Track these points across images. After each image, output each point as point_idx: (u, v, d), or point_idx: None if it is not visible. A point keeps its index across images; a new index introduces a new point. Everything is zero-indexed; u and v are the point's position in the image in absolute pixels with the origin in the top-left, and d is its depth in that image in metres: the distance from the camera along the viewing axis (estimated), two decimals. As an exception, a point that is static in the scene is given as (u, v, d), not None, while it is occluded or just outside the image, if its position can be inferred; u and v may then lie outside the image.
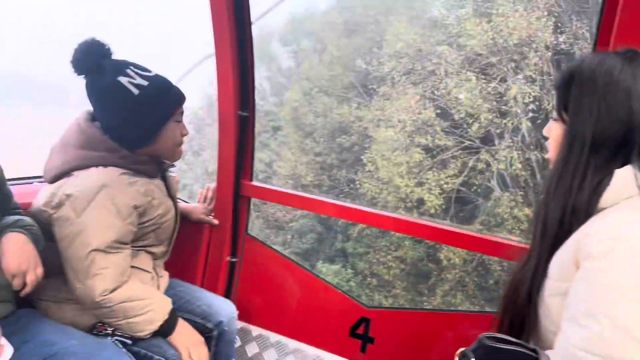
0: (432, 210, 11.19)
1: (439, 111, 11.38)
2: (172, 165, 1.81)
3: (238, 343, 2.19)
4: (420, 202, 11.32)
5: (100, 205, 1.49)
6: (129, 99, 1.55)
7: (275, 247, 2.27)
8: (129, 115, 1.58)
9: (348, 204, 2.15)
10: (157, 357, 1.57)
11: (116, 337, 1.58)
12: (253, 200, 2.28)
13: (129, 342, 1.58)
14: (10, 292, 1.39)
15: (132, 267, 1.62)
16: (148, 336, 1.57)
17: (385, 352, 1.97)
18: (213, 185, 2.21)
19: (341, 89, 12.80)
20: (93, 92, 1.58)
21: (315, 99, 13.04)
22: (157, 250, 1.76)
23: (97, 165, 1.55)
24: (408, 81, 11.64)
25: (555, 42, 10.56)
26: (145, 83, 1.57)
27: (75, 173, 1.56)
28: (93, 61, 1.56)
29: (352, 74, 12.71)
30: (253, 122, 2.12)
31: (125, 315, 1.53)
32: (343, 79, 12.80)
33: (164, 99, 1.62)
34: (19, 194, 1.62)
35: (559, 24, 10.55)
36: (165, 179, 1.77)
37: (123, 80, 1.55)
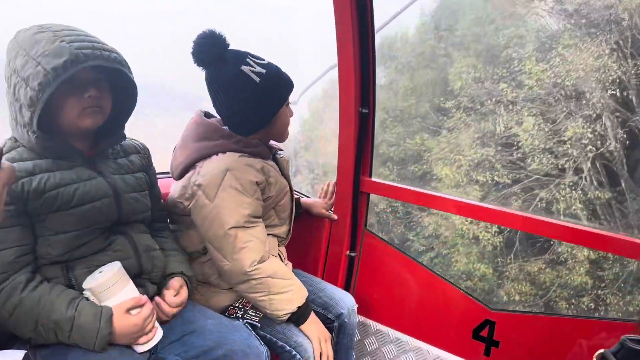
0: (489, 248, 10.59)
1: (499, 148, 10.79)
2: (281, 149, 1.90)
3: (357, 337, 2.22)
4: (476, 239, 10.76)
5: (227, 186, 1.60)
6: (252, 87, 1.64)
7: (394, 243, 2.26)
8: (253, 102, 1.67)
9: (472, 201, 2.07)
10: (281, 343, 1.64)
11: (246, 320, 1.68)
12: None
13: (257, 325, 1.67)
14: (162, 277, 1.54)
15: None
16: (284, 317, 1.64)
17: (510, 357, 1.88)
18: (333, 180, 2.27)
19: (414, 118, 12.64)
20: (216, 82, 1.67)
21: (390, 129, 12.94)
22: (280, 230, 1.85)
23: (216, 153, 1.67)
24: (470, 117, 11.24)
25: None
26: (263, 71, 1.66)
27: (199, 164, 1.68)
28: (216, 52, 1.64)
29: (425, 104, 12.50)
30: (373, 119, 2.13)
31: (269, 291, 1.61)
32: (417, 109, 12.62)
33: (279, 85, 1.69)
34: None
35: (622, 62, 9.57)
36: (276, 160, 1.85)
37: (245, 69, 1.64)
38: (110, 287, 1.29)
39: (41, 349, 1.26)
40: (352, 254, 2.26)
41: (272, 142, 1.86)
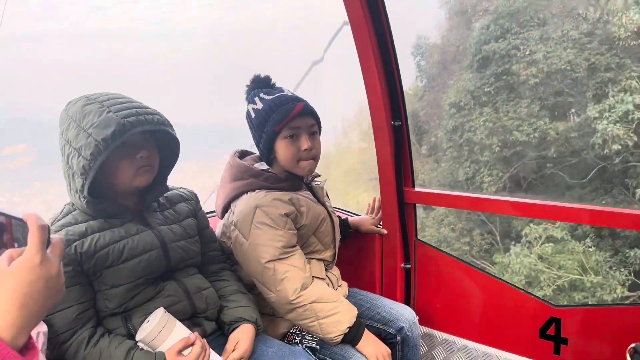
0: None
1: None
2: (317, 175, 1.93)
3: (424, 349, 2.20)
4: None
5: (259, 223, 1.67)
6: (251, 123, 1.77)
7: (447, 250, 2.23)
8: (254, 138, 1.80)
9: (527, 200, 1.99)
10: (341, 364, 1.67)
11: (305, 345, 1.73)
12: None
13: (317, 348, 1.71)
14: (217, 313, 1.62)
15: None
16: (338, 340, 1.66)
17: (581, 352, 1.80)
18: (378, 196, 2.29)
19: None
20: (254, 117, 1.78)
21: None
22: (326, 255, 1.88)
23: (247, 192, 1.75)
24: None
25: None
26: (260, 107, 1.73)
27: (233, 204, 1.78)
28: (247, 94, 1.81)
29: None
30: (407, 129, 2.14)
31: (317, 316, 1.65)
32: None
33: (269, 118, 1.71)
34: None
35: None
36: (311, 188, 1.90)
37: (249, 107, 1.77)
38: (159, 333, 1.36)
39: None
40: (407, 266, 2.25)
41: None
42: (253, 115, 1.75)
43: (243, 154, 1.91)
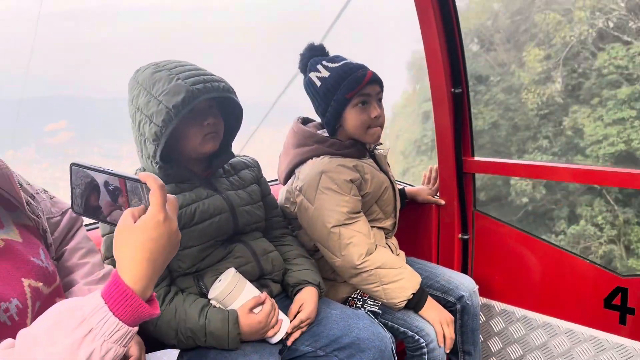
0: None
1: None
2: (380, 144, 1.92)
3: (482, 319, 2.19)
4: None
5: (324, 188, 1.68)
6: (315, 92, 1.76)
7: (507, 220, 2.20)
8: (319, 106, 1.78)
9: (590, 167, 1.94)
10: (403, 329, 1.68)
11: (367, 309, 1.74)
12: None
13: (379, 312, 1.72)
14: (283, 275, 1.65)
15: None
16: (401, 305, 1.67)
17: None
18: (435, 165, 2.26)
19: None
20: (306, 87, 1.82)
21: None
22: (386, 224, 1.89)
23: (311, 157, 1.77)
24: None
25: None
26: (327, 75, 1.73)
27: (297, 169, 1.79)
28: (304, 62, 1.81)
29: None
30: (467, 97, 2.10)
31: (381, 281, 1.66)
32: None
33: (339, 86, 1.70)
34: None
35: None
36: (374, 156, 1.89)
37: (312, 75, 1.76)
38: (231, 292, 1.40)
39: (186, 350, 1.42)
40: (465, 237, 2.23)
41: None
42: (319, 83, 1.74)
43: (305, 121, 1.91)
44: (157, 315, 0.81)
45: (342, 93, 1.70)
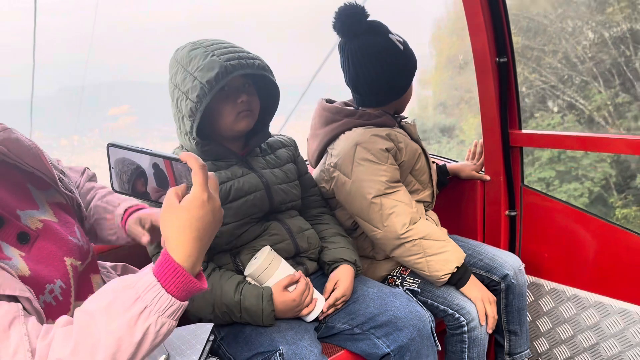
0: None
1: None
2: (404, 117, 1.89)
3: (530, 298, 2.11)
4: None
5: (360, 160, 1.65)
6: (398, 55, 1.68)
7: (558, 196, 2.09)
8: (397, 71, 1.70)
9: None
10: (443, 307, 1.64)
11: (406, 287, 1.71)
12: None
13: (417, 290, 1.69)
14: (319, 253, 1.65)
15: None
16: (444, 279, 1.63)
17: None
18: (480, 140, 2.17)
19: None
20: (362, 52, 1.68)
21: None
22: (424, 195, 1.85)
23: (343, 132, 1.73)
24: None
25: None
26: (401, 39, 1.71)
27: (330, 147, 1.76)
28: (365, 22, 1.68)
29: None
30: (513, 66, 1.99)
31: (425, 253, 1.62)
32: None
33: (413, 60, 1.74)
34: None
35: None
36: (402, 127, 1.85)
37: (393, 37, 1.69)
38: (265, 269, 1.41)
39: (222, 325, 1.45)
40: (513, 213, 2.14)
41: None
42: (402, 47, 1.70)
43: (329, 102, 1.88)
44: (206, 289, 0.85)
45: (414, 67, 1.74)
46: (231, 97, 1.44)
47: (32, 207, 1.02)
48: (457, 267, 1.63)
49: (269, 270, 1.42)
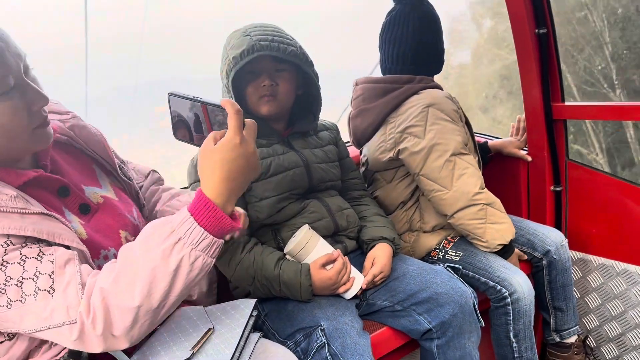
0: None
1: None
2: None
3: (577, 275, 2.06)
4: None
5: (435, 119, 1.65)
6: (440, 25, 1.77)
7: (605, 170, 2.02)
8: (443, 42, 1.79)
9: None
10: (484, 279, 1.64)
11: (447, 264, 1.71)
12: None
13: (459, 267, 1.69)
14: (358, 232, 1.66)
15: None
16: (496, 249, 1.66)
17: None
18: (523, 115, 2.12)
19: None
20: (423, 22, 1.74)
21: None
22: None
23: (407, 98, 1.72)
24: None
25: None
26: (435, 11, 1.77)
27: (392, 115, 1.75)
28: None
29: None
30: (554, 37, 1.93)
31: (487, 219, 1.63)
32: None
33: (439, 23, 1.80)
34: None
35: None
36: None
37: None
38: (304, 247, 1.44)
39: (266, 301, 1.50)
40: (558, 189, 2.09)
41: None
42: (435, 17, 1.77)
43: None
44: (239, 228, 0.89)
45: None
46: (256, 80, 1.48)
47: (96, 185, 1.11)
48: (512, 240, 1.66)
49: (307, 247, 1.45)
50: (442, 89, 1.78)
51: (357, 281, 1.49)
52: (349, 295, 1.48)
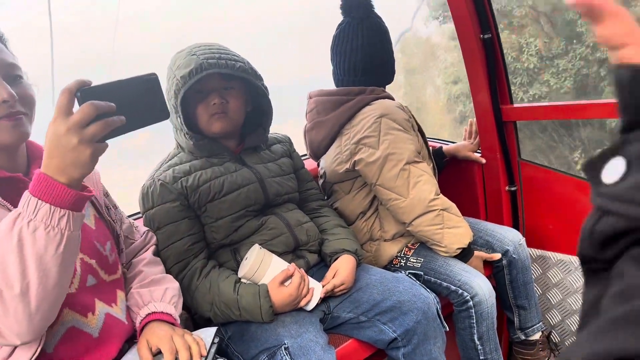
0: None
1: None
2: None
3: (537, 272, 2.10)
4: None
5: (388, 129, 1.67)
6: (388, 37, 1.79)
7: (554, 166, 2.08)
8: (392, 52, 1.81)
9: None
10: (446, 284, 1.65)
11: (409, 271, 1.72)
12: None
13: (420, 273, 1.70)
14: (319, 245, 1.65)
15: None
16: (456, 252, 1.68)
17: None
18: (474, 119, 2.16)
19: None
20: (368, 33, 1.75)
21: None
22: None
23: (360, 110, 1.73)
24: None
25: None
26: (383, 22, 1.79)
27: (346, 128, 1.76)
28: (366, 5, 1.77)
29: None
30: (498, 42, 1.98)
31: (445, 224, 1.65)
32: None
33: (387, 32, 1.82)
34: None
35: None
36: None
37: (378, 20, 1.78)
38: (258, 268, 1.41)
39: (229, 323, 1.46)
40: (513, 188, 2.13)
41: None
42: (384, 28, 1.78)
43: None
44: (76, 195, 0.87)
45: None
46: (206, 99, 1.47)
47: None
48: (470, 242, 1.69)
49: (262, 267, 1.42)
50: (393, 99, 1.81)
51: (317, 291, 1.48)
52: (310, 306, 1.46)
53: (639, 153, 0.33)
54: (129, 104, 0.88)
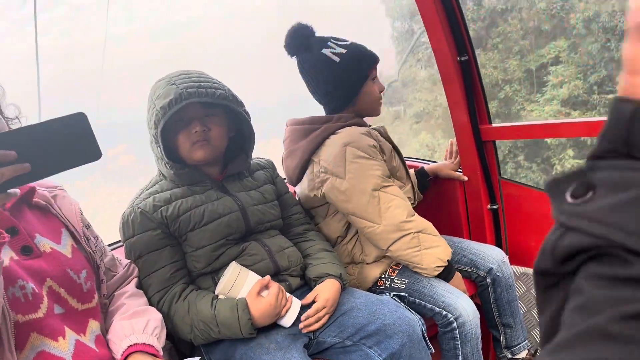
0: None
1: None
2: (375, 127, 1.93)
3: (521, 289, 2.11)
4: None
5: (353, 158, 1.67)
6: (333, 67, 1.74)
7: (533, 184, 2.11)
8: (335, 81, 1.76)
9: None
10: (430, 305, 1.65)
11: (393, 293, 1.72)
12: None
13: (404, 295, 1.70)
14: (301, 270, 1.65)
15: None
16: (437, 272, 1.67)
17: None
18: (454, 139, 2.19)
19: None
20: (304, 68, 1.80)
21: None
22: (406, 189, 1.88)
23: (326, 137, 1.76)
24: None
25: None
26: (344, 51, 1.74)
27: (314, 156, 1.78)
28: (301, 41, 1.78)
29: None
30: (475, 64, 2.02)
31: (422, 246, 1.65)
32: None
33: (360, 62, 1.76)
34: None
35: None
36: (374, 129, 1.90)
37: (326, 52, 1.75)
38: (234, 283, 1.41)
39: (213, 351, 1.45)
40: (494, 207, 2.16)
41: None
42: (337, 59, 1.75)
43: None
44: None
45: (364, 69, 1.77)
46: (187, 127, 1.47)
47: (55, 240, 1.17)
48: (449, 261, 1.68)
49: (238, 282, 1.41)
50: (364, 124, 1.83)
51: (294, 305, 1.47)
52: (289, 322, 1.45)
53: (609, 180, 0.35)
54: (50, 146, 0.85)
